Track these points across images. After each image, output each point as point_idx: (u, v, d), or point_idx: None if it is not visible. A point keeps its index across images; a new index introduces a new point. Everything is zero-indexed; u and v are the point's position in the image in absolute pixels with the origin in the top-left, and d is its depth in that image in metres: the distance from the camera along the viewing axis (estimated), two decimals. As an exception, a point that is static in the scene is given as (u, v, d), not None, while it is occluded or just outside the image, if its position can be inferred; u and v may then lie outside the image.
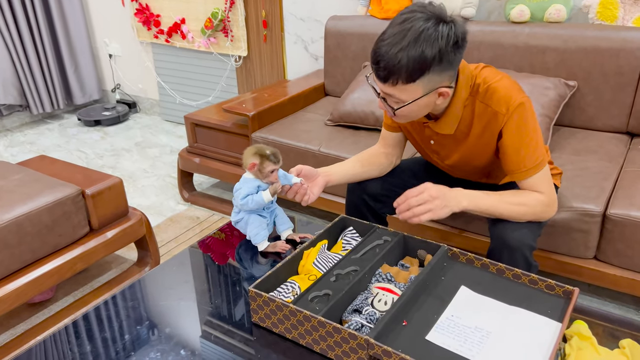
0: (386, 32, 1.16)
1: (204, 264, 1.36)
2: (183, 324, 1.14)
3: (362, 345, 0.95)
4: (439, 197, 1.24)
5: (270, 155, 1.30)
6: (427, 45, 1.10)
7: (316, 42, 2.97)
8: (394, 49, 1.12)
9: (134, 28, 3.64)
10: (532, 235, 1.30)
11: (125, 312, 1.18)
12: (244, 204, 1.33)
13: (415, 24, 1.11)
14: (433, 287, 1.13)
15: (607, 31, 2.00)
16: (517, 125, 1.25)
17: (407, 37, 1.11)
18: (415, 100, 1.20)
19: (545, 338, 0.98)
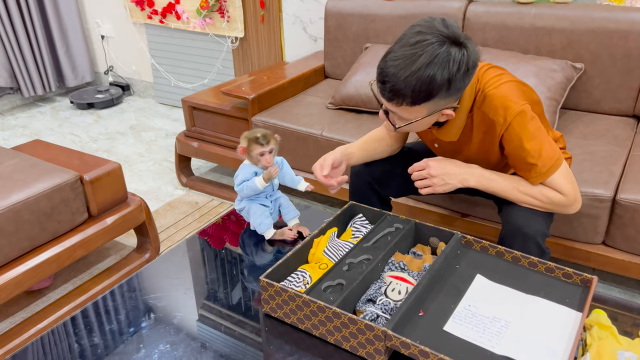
0: (396, 50, 1.11)
1: (210, 253, 1.33)
2: (192, 315, 1.11)
3: (379, 336, 0.93)
4: (437, 176, 1.30)
5: (259, 137, 1.26)
6: (438, 71, 1.07)
7: (315, 22, 2.90)
8: (403, 72, 1.09)
9: (127, 8, 3.54)
10: (546, 223, 1.28)
11: (131, 302, 1.15)
12: (239, 190, 1.31)
13: (429, 49, 1.07)
14: (448, 276, 1.11)
15: (615, 12, 1.96)
16: (518, 134, 1.21)
17: (418, 61, 1.07)
18: (418, 120, 1.18)
19: (566, 328, 0.96)
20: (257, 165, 1.30)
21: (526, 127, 1.21)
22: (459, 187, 1.32)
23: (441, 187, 1.31)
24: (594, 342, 0.94)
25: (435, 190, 1.32)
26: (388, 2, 2.42)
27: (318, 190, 2.22)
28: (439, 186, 1.31)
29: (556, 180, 1.24)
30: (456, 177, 1.30)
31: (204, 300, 1.15)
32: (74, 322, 1.09)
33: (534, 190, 1.27)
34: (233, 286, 1.19)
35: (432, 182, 1.31)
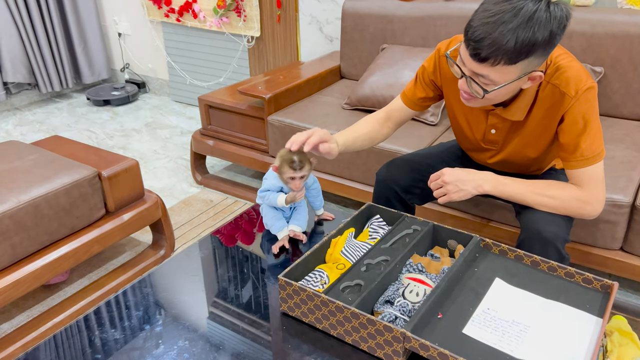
0: (490, 7, 1.06)
1: (223, 252, 1.33)
2: (207, 313, 1.11)
3: (398, 338, 0.92)
4: (451, 183, 1.30)
5: (295, 162, 1.20)
6: (539, 28, 1.04)
7: (331, 23, 2.90)
8: (502, 28, 1.04)
9: (144, 6, 3.57)
10: (566, 228, 1.27)
11: (148, 299, 1.16)
12: (260, 197, 1.31)
13: (527, 5, 1.03)
14: (467, 279, 1.10)
15: (636, 16, 1.94)
16: (584, 110, 1.20)
17: (518, 16, 1.03)
18: (507, 83, 1.13)
19: (586, 333, 0.95)
20: (286, 185, 1.27)
21: (592, 105, 1.20)
22: (474, 194, 1.31)
23: (456, 194, 1.31)
24: (615, 348, 0.93)
25: (450, 197, 1.32)
26: (405, 3, 2.42)
27: (332, 190, 2.23)
28: (454, 193, 1.31)
29: (592, 172, 1.23)
30: (470, 184, 1.30)
31: (218, 299, 1.15)
32: (92, 317, 1.10)
33: (551, 190, 1.26)
34: (247, 285, 1.20)
35: (446, 189, 1.31)
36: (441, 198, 1.34)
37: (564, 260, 1.28)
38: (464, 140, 1.49)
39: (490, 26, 1.05)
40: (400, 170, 1.54)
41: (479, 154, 1.49)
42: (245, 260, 1.29)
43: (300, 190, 1.26)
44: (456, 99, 1.39)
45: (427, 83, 1.44)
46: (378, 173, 1.57)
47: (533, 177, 1.47)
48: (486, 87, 1.15)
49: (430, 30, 2.35)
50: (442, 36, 2.31)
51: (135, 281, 1.21)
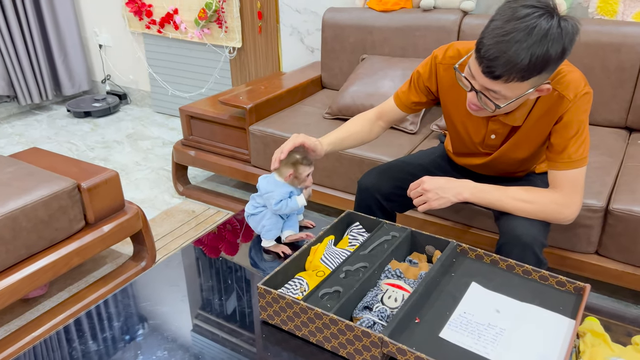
0: (502, 25, 1.07)
1: (205, 261, 1.34)
2: (188, 323, 1.11)
3: (376, 343, 0.93)
4: (431, 190, 1.33)
5: (303, 160, 1.31)
6: (553, 45, 1.05)
7: (312, 34, 2.93)
8: (517, 46, 1.05)
9: (125, 18, 3.57)
10: (544, 233, 1.30)
11: (127, 310, 1.15)
12: (278, 208, 1.31)
13: (541, 22, 1.04)
14: (444, 284, 1.12)
15: (608, 26, 2.00)
16: (579, 113, 1.23)
17: (532, 35, 1.04)
18: (518, 97, 1.16)
19: (559, 335, 0.97)
20: (298, 185, 1.33)
21: (586, 110, 1.24)
22: (454, 201, 1.33)
23: (436, 201, 1.33)
24: (587, 349, 0.95)
25: (430, 205, 1.33)
26: (384, 14, 2.45)
27: (314, 199, 2.24)
28: (434, 200, 1.33)
29: (574, 175, 1.27)
30: (450, 191, 1.32)
31: (199, 309, 1.15)
32: (70, 330, 1.10)
33: (529, 195, 1.29)
34: (229, 294, 1.20)
35: (427, 197, 1.34)
36: (421, 206, 1.36)
37: (542, 265, 1.30)
38: (460, 145, 1.51)
39: (505, 45, 1.06)
40: (381, 178, 1.55)
41: (471, 159, 1.51)
42: (227, 269, 1.30)
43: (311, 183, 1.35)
44: (454, 105, 1.42)
45: (421, 88, 1.46)
46: (359, 181, 1.58)
47: (514, 179, 1.50)
48: (497, 102, 1.17)
49: (409, 41, 2.38)
50: (421, 46, 2.35)
51: (114, 292, 1.20)
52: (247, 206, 1.39)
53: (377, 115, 1.54)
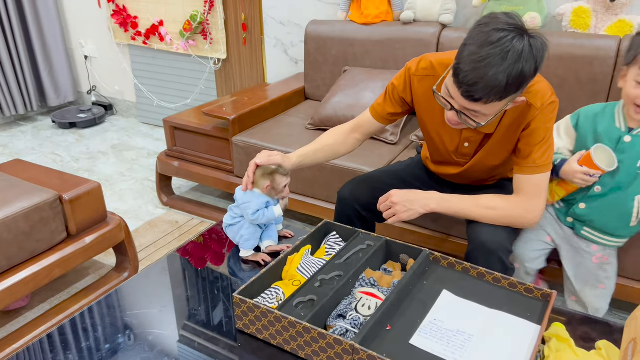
0: (477, 51, 1.11)
1: (185, 270, 1.35)
2: (166, 331, 1.13)
3: (348, 350, 0.96)
4: (399, 203, 1.37)
5: (279, 169, 1.35)
6: (526, 64, 1.10)
7: (296, 46, 2.97)
8: (494, 71, 1.10)
9: (111, 29, 3.59)
10: (509, 239, 1.33)
11: (107, 320, 1.16)
12: (255, 218, 1.34)
13: (515, 44, 1.09)
14: (416, 292, 1.15)
15: (581, 39, 2.05)
16: (545, 121, 1.29)
17: (507, 59, 1.09)
18: (497, 114, 1.21)
19: (525, 340, 1.00)
20: (275, 196, 1.37)
21: (552, 119, 1.30)
22: (421, 212, 1.38)
23: (404, 213, 1.37)
24: (552, 353, 0.98)
25: (400, 217, 1.38)
26: (366, 27, 2.50)
27: (297, 208, 2.26)
28: (402, 213, 1.37)
29: (538, 180, 1.32)
30: (417, 203, 1.37)
31: (180, 317, 1.17)
32: (50, 340, 1.11)
33: (493, 202, 1.34)
34: (209, 303, 1.22)
35: (395, 210, 1.38)
36: (391, 219, 1.40)
37: (508, 270, 1.34)
38: (437, 154, 1.55)
39: (482, 70, 1.11)
40: (359, 189, 1.58)
41: (447, 167, 1.55)
42: (206, 279, 1.31)
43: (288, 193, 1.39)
44: (428, 115, 1.46)
45: (396, 100, 1.50)
46: (339, 192, 1.61)
47: (489, 187, 1.55)
48: (477, 119, 1.22)
49: (390, 53, 2.43)
50: (401, 58, 2.40)
51: (91, 305, 1.21)
52: (225, 217, 1.41)
53: (352, 128, 1.57)
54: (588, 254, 1.52)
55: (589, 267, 1.53)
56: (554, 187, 1.51)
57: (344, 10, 2.62)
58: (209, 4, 3.08)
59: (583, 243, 1.52)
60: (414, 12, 2.40)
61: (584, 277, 1.55)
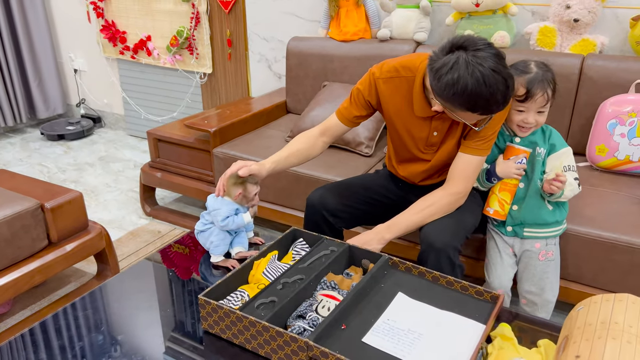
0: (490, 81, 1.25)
1: (157, 276, 1.41)
2: (135, 334, 1.18)
3: (302, 347, 1.02)
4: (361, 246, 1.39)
5: (249, 178, 1.43)
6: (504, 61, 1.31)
7: (279, 61, 3.06)
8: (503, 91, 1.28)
9: (100, 44, 3.67)
10: (456, 238, 1.41)
11: (74, 322, 1.22)
12: (225, 225, 1.40)
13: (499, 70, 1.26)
14: (373, 294, 1.21)
15: (546, 56, 2.14)
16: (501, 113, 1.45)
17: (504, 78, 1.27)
18: None
19: (471, 339, 1.07)
20: (245, 204, 1.44)
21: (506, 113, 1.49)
22: (382, 246, 1.48)
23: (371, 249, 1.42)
24: (495, 351, 1.04)
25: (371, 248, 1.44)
26: (344, 44, 2.59)
27: (273, 217, 2.33)
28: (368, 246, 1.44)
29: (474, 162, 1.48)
30: (373, 241, 1.47)
31: (150, 320, 1.22)
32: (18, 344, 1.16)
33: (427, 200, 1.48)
34: (178, 306, 1.27)
35: None
36: None
37: (456, 268, 1.41)
38: (404, 151, 1.64)
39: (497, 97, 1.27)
40: (327, 195, 1.65)
41: (413, 165, 1.64)
42: (177, 284, 1.37)
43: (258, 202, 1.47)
44: (396, 113, 1.56)
45: (362, 103, 1.60)
46: (307, 198, 1.68)
47: None
48: None
49: (367, 69, 2.47)
50: (377, 74, 2.48)
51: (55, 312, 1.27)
52: (197, 224, 1.48)
53: (320, 132, 1.66)
54: (534, 254, 1.59)
55: (536, 266, 1.59)
56: (498, 195, 1.58)
57: (324, 28, 2.71)
58: (195, 20, 3.17)
59: (527, 244, 1.60)
60: (390, 29, 2.49)
61: (531, 279, 1.61)
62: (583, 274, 1.68)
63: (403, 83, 1.52)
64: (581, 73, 2.08)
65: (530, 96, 1.50)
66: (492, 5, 2.24)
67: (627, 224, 1.64)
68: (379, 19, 2.60)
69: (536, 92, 1.50)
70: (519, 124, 1.54)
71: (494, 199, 1.59)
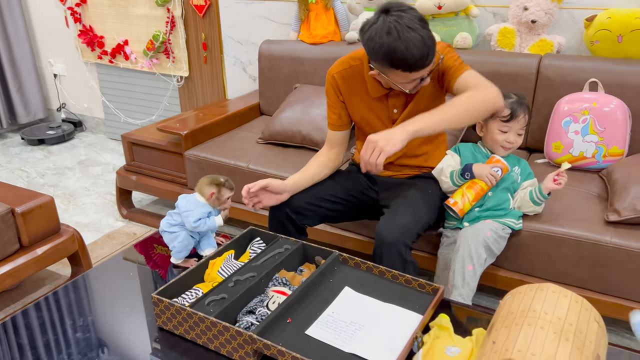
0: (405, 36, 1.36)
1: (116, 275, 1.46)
2: (91, 332, 1.23)
3: (247, 340, 1.07)
4: (379, 139, 1.37)
5: (226, 182, 1.47)
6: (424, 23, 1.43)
7: (253, 64, 3.11)
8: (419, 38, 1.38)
9: (78, 49, 3.70)
10: (407, 235, 1.46)
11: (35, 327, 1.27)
12: (196, 226, 1.44)
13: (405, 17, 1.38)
14: (321, 289, 1.27)
15: (506, 57, 2.21)
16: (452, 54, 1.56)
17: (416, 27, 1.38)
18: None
19: (408, 329, 1.13)
20: (218, 207, 1.49)
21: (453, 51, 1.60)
22: (405, 139, 1.37)
23: (390, 146, 1.36)
24: (430, 340, 1.10)
25: (385, 151, 1.35)
26: (314, 47, 2.65)
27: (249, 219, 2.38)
28: (388, 146, 1.35)
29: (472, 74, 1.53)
30: (396, 132, 1.38)
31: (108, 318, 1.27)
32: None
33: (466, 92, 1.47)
34: (133, 305, 1.32)
35: (378, 146, 1.36)
36: (379, 158, 1.36)
37: (408, 264, 1.45)
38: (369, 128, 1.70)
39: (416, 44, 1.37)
40: None
41: None
42: (138, 282, 1.42)
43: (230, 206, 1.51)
44: (356, 102, 1.68)
45: (339, 105, 1.71)
46: None
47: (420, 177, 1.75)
48: None
49: (336, 70, 2.57)
50: (346, 75, 2.54)
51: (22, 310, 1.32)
52: (162, 222, 1.51)
53: (328, 147, 1.76)
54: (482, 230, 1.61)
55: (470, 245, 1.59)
56: (464, 190, 1.66)
57: (295, 31, 2.77)
58: (170, 24, 3.21)
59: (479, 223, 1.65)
60: (358, 32, 2.54)
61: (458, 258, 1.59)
62: (534, 267, 1.74)
63: (355, 71, 1.65)
64: (538, 72, 2.14)
65: (514, 116, 1.67)
66: (454, 8, 2.31)
67: (575, 219, 1.71)
68: (348, 22, 2.66)
69: (519, 113, 1.66)
70: (502, 144, 1.69)
71: (460, 192, 1.67)
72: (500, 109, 1.57)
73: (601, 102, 1.94)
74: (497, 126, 1.68)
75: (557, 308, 0.96)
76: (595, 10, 2.12)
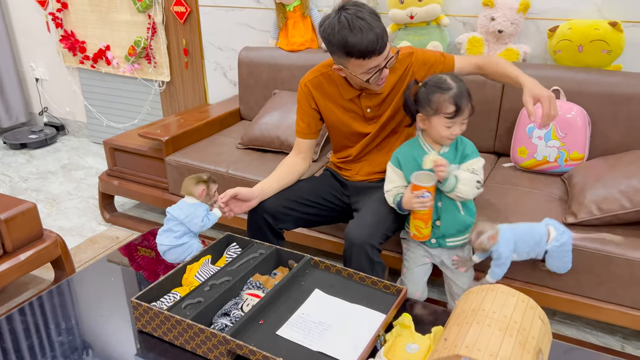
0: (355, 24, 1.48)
1: (100, 279, 1.52)
2: (75, 335, 1.30)
3: (221, 341, 1.15)
4: (546, 93, 1.61)
5: (209, 177, 1.59)
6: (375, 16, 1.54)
7: (234, 69, 3.17)
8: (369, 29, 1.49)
9: (60, 53, 3.73)
10: (375, 237, 1.53)
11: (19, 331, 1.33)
12: (204, 224, 1.54)
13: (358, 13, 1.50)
14: (293, 291, 1.35)
15: (476, 65, 2.31)
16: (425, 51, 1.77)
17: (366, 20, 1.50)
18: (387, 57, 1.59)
19: (372, 328, 1.21)
20: (208, 202, 1.59)
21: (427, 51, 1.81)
22: None
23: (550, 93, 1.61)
24: (392, 338, 1.19)
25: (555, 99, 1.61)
26: (293, 54, 2.72)
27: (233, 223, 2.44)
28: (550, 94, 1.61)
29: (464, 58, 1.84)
30: (536, 83, 1.68)
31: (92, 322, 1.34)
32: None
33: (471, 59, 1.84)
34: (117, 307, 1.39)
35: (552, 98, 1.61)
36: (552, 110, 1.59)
37: (376, 265, 1.53)
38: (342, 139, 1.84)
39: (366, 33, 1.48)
40: (268, 198, 1.76)
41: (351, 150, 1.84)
42: (124, 286, 1.49)
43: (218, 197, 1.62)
44: (331, 106, 1.77)
45: (311, 114, 1.81)
46: None
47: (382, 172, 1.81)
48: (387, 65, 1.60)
49: (313, 77, 2.64)
50: (323, 82, 2.62)
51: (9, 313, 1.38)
52: (163, 240, 1.54)
53: (295, 153, 1.86)
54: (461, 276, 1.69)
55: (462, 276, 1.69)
56: (412, 222, 1.60)
57: (274, 38, 2.84)
58: (151, 30, 3.26)
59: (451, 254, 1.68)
60: (332, 39, 2.62)
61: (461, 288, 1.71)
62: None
63: (326, 77, 1.76)
64: (505, 80, 2.24)
65: (459, 112, 1.60)
66: (426, 17, 2.39)
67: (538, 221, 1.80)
68: (325, 30, 2.73)
69: (464, 108, 1.61)
70: (448, 137, 1.63)
71: (412, 225, 1.62)
72: None
73: (563, 110, 2.04)
74: (443, 122, 1.60)
75: (504, 307, 1.05)
76: (558, 21, 2.22)
